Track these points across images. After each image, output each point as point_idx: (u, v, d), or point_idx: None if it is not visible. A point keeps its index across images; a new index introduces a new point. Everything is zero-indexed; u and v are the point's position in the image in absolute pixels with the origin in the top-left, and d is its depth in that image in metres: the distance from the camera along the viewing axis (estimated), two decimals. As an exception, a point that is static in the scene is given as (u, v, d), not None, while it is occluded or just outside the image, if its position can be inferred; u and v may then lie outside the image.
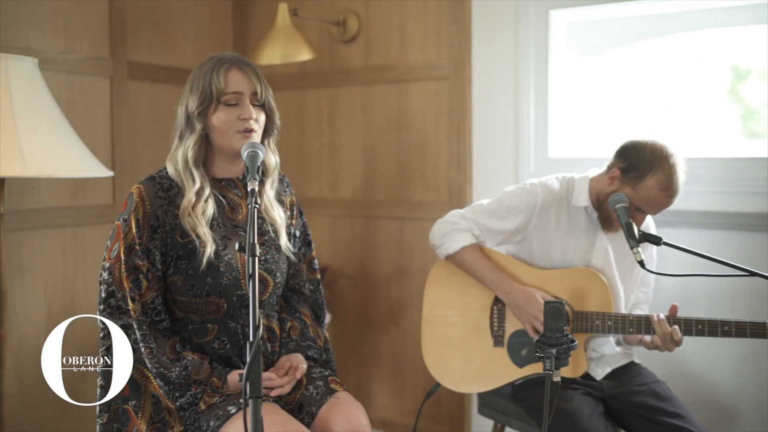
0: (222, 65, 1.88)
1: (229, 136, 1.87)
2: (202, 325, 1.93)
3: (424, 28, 3.11)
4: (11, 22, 2.61)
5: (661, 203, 2.11)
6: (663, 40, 2.87)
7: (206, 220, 1.88)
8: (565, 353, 1.78)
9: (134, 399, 1.86)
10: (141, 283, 1.84)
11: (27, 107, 2.19)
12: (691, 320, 2.07)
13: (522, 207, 2.24)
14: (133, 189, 1.88)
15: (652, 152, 2.08)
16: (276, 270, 1.99)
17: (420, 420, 3.17)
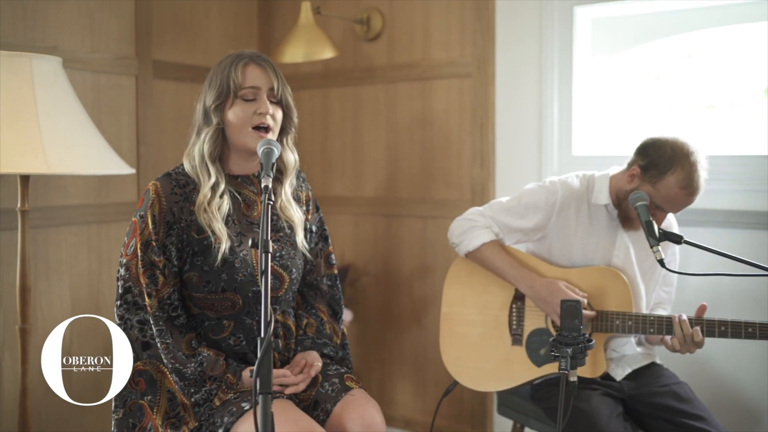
0: (240, 60, 1.89)
1: (244, 133, 1.88)
2: (218, 322, 1.93)
3: (448, 25, 3.09)
4: (39, 23, 2.65)
5: (681, 201, 2.07)
6: (689, 36, 2.81)
7: (221, 216, 1.89)
8: (582, 353, 1.75)
9: (150, 394, 1.87)
10: (157, 278, 1.85)
11: (50, 105, 2.22)
12: (714, 321, 2.02)
13: (541, 205, 2.22)
14: (150, 186, 1.89)
15: (673, 150, 2.05)
16: (291, 266, 1.99)
17: (442, 419, 3.17)
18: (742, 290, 2.54)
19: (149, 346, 1.88)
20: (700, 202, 2.52)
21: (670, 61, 2.86)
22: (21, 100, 2.17)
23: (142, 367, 1.87)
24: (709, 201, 2.59)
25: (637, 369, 2.21)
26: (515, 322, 2.26)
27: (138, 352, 1.88)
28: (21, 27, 2.60)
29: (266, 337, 1.43)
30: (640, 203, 2.00)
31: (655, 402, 2.11)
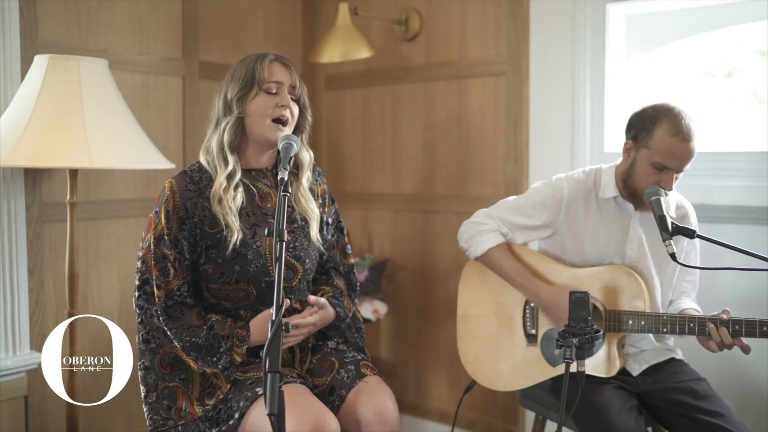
0: (266, 57, 2.01)
1: (264, 124, 1.98)
2: (235, 312, 2.03)
3: (483, 24, 3.14)
4: (92, 28, 2.82)
5: (679, 151, 2.05)
6: (724, 32, 2.79)
7: (236, 208, 1.98)
8: (589, 343, 1.80)
9: (182, 374, 1.97)
10: (168, 271, 1.95)
11: (96, 104, 2.37)
12: (728, 321, 2.01)
13: (548, 202, 2.25)
14: (166, 183, 2.01)
15: (653, 109, 2.10)
16: (305, 257, 2.07)
17: (475, 413, 3.23)
18: None
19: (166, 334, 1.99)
20: (726, 198, 2.53)
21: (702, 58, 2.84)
22: (69, 100, 2.33)
23: (168, 350, 1.98)
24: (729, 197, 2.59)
25: (655, 364, 2.22)
26: (529, 322, 2.30)
27: (161, 339, 1.98)
28: (75, 31, 2.77)
29: (277, 319, 1.53)
30: (653, 198, 2.02)
31: (671, 398, 2.12)
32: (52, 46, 2.66)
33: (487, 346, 2.34)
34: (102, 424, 2.89)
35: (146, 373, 1.99)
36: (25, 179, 2.61)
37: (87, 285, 2.82)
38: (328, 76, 3.64)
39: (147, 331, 1.99)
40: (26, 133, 2.26)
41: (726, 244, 1.92)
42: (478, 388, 3.17)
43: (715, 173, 2.65)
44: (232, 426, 1.88)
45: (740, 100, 2.78)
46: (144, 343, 1.99)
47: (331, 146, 3.68)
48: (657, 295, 2.24)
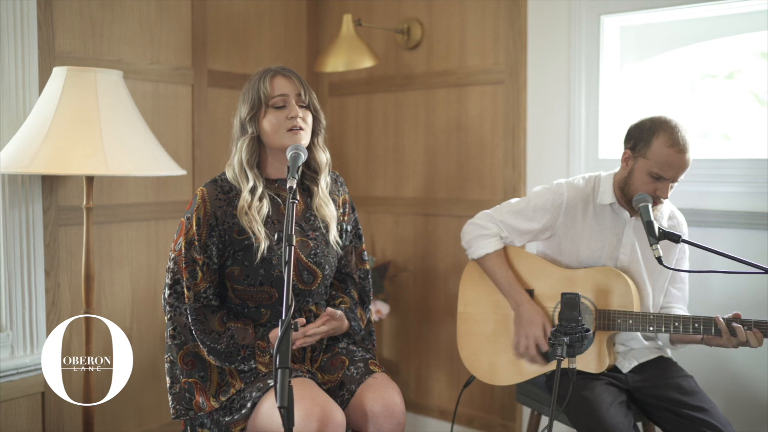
0: (267, 74, 2.12)
1: (280, 135, 2.10)
2: (257, 310, 2.16)
3: (482, 34, 3.25)
4: (105, 38, 2.93)
5: (675, 162, 2.17)
6: (715, 43, 2.90)
7: (261, 218, 2.10)
8: (579, 341, 1.91)
9: (201, 371, 2.11)
10: (197, 273, 2.09)
11: (111, 114, 2.49)
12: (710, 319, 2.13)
13: (549, 206, 2.36)
14: (198, 191, 2.13)
15: (651, 121, 2.21)
16: (325, 263, 2.19)
17: (474, 410, 3.34)
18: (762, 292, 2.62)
19: (191, 332, 2.12)
20: (718, 204, 2.63)
21: (693, 68, 2.95)
22: (86, 110, 2.44)
23: (191, 348, 2.12)
24: (722, 202, 2.70)
25: (644, 362, 2.33)
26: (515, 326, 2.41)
27: (187, 336, 2.12)
28: (90, 42, 2.88)
29: (287, 318, 1.64)
30: (642, 204, 2.13)
31: (658, 394, 2.23)
32: (68, 57, 2.78)
33: (485, 343, 2.45)
34: (115, 419, 3.00)
35: (171, 366, 2.13)
36: (42, 185, 2.72)
37: (100, 286, 2.94)
38: (332, 83, 3.75)
39: (174, 328, 2.13)
40: (46, 142, 2.38)
41: (709, 249, 2.03)
42: (476, 385, 3.29)
43: (709, 179, 2.75)
44: (244, 414, 2.02)
45: (741, 101, 2.88)
46: (171, 338, 2.13)
47: (335, 151, 3.79)
48: (648, 300, 2.35)
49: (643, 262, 2.33)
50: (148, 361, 3.09)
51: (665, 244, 2.26)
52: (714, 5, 2.75)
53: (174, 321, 2.13)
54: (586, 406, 2.14)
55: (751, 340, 2.08)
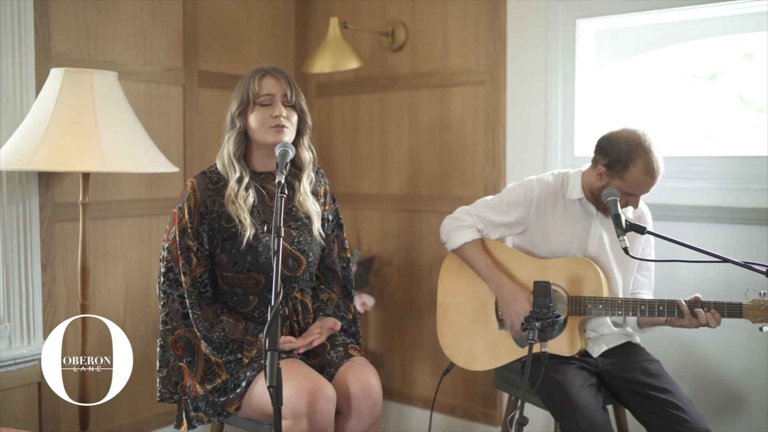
0: (258, 73, 2.25)
1: (263, 132, 2.23)
2: (245, 297, 2.28)
3: (464, 37, 3.38)
4: (99, 40, 3.04)
5: (648, 184, 2.34)
6: (687, 46, 3.03)
7: (248, 207, 2.23)
8: (550, 326, 2.03)
9: (189, 356, 2.23)
10: (192, 260, 2.21)
11: (107, 113, 2.60)
12: (674, 302, 2.27)
13: (521, 201, 2.50)
14: (188, 182, 2.26)
15: (627, 143, 2.31)
16: (309, 251, 2.32)
17: (456, 399, 3.47)
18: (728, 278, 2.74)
19: (187, 317, 2.24)
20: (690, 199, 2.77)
21: (666, 69, 3.09)
22: (83, 110, 2.55)
23: (182, 333, 2.24)
24: (693, 197, 2.83)
25: (613, 347, 2.46)
26: (501, 309, 2.53)
27: (179, 321, 2.24)
28: (85, 44, 2.99)
29: (275, 304, 1.76)
30: (610, 198, 2.27)
31: (626, 377, 2.37)
32: (63, 59, 2.88)
33: (463, 330, 2.58)
34: (109, 410, 3.10)
35: (162, 351, 2.25)
36: (38, 182, 2.83)
37: (94, 280, 3.04)
38: (320, 83, 3.87)
39: (166, 314, 2.25)
40: (44, 140, 2.49)
41: (671, 239, 2.17)
42: (458, 375, 3.42)
43: (679, 176, 2.87)
44: (239, 393, 2.15)
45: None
46: (163, 324, 2.25)
47: (322, 150, 3.91)
48: (618, 287, 2.49)
49: (611, 252, 2.46)
50: (140, 353, 3.18)
51: (631, 235, 2.41)
52: (686, 9, 2.87)
53: (167, 307, 2.24)
54: (557, 389, 2.28)
55: (710, 321, 2.23)
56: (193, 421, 2.24)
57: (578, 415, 2.21)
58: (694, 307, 2.25)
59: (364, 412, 2.20)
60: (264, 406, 2.10)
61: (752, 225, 2.72)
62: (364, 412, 2.20)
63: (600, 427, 2.20)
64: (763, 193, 2.69)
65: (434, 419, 3.49)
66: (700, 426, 2.24)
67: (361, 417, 2.20)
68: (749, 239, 2.73)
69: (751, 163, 2.75)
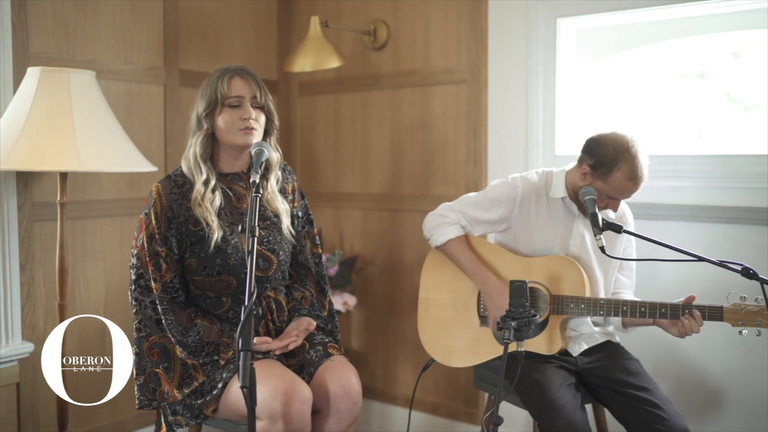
0: (226, 74, 2.23)
1: (232, 134, 2.21)
2: (218, 299, 2.26)
3: (446, 36, 3.38)
4: (79, 39, 3.02)
5: (630, 190, 2.34)
6: (668, 44, 3.04)
7: (214, 209, 2.21)
8: (526, 326, 2.03)
9: (165, 362, 2.21)
10: (161, 266, 2.19)
11: (84, 113, 2.58)
12: (656, 304, 2.27)
13: (504, 199, 2.49)
14: (153, 187, 2.24)
15: (614, 147, 2.31)
16: (279, 250, 2.31)
17: (439, 397, 3.47)
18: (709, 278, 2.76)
19: (161, 323, 2.22)
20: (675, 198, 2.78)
21: (647, 68, 3.10)
22: (60, 109, 2.53)
23: (157, 340, 2.22)
24: (675, 197, 2.84)
25: (593, 346, 2.47)
26: (482, 306, 2.54)
27: (152, 328, 2.22)
28: (63, 43, 2.97)
29: (249, 304, 1.76)
30: (588, 197, 2.27)
31: (605, 375, 2.37)
32: (42, 58, 2.86)
33: (444, 327, 2.58)
34: (89, 409, 3.07)
35: (138, 358, 2.23)
36: (17, 181, 2.81)
37: (74, 280, 3.03)
38: (302, 82, 3.86)
39: (140, 321, 2.23)
40: (21, 140, 2.47)
41: (648, 238, 2.18)
42: (441, 374, 3.42)
43: (661, 175, 2.88)
44: (215, 395, 2.13)
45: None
46: (137, 331, 2.23)
47: (305, 149, 3.90)
48: (599, 286, 2.49)
49: (593, 251, 2.46)
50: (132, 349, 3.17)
51: (613, 235, 2.42)
52: (667, 8, 2.88)
53: (139, 314, 2.22)
54: (536, 388, 2.28)
55: (693, 325, 2.24)
56: (173, 426, 2.23)
57: (556, 414, 2.21)
58: (686, 309, 2.24)
59: (344, 411, 2.20)
60: (240, 407, 2.09)
61: (734, 224, 2.74)
62: (344, 411, 2.19)
63: (578, 427, 2.20)
64: (746, 191, 2.70)
65: (417, 418, 3.50)
66: (678, 424, 2.24)
67: (341, 416, 2.20)
68: (731, 238, 2.74)
69: (734, 162, 2.76)
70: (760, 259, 2.65)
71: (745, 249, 2.69)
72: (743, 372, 2.75)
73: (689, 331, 2.25)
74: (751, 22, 2.84)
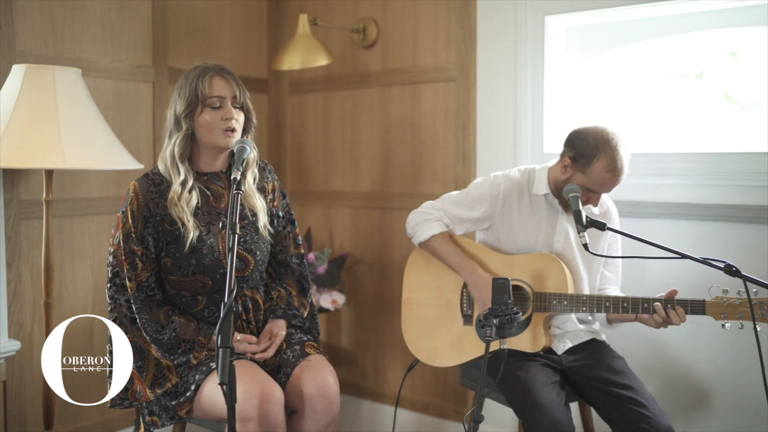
0: (206, 73, 2.21)
1: (214, 135, 2.20)
2: (193, 298, 2.26)
3: (435, 34, 3.37)
4: (66, 37, 3.01)
5: (610, 183, 2.33)
6: (657, 42, 3.04)
7: (191, 209, 2.20)
8: (509, 323, 2.03)
9: (139, 361, 2.21)
10: (137, 265, 2.18)
11: (69, 110, 2.57)
12: (638, 299, 2.27)
13: (486, 197, 2.49)
14: (130, 186, 2.23)
15: (595, 139, 2.31)
16: (256, 249, 2.30)
17: (429, 397, 3.47)
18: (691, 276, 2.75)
19: (135, 321, 2.21)
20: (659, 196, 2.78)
21: (637, 65, 3.09)
22: (45, 106, 2.53)
23: (131, 339, 2.21)
24: (662, 194, 2.84)
25: (578, 344, 2.46)
26: (466, 304, 2.53)
27: (127, 326, 2.22)
28: (51, 41, 2.96)
29: (228, 301, 1.75)
30: (572, 194, 2.26)
31: (590, 373, 2.37)
32: (29, 56, 2.86)
33: (427, 326, 2.57)
34: (77, 409, 3.06)
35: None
36: (3, 179, 2.80)
37: (62, 277, 3.02)
38: (293, 81, 3.86)
39: (114, 319, 2.22)
40: (5, 137, 2.46)
41: (632, 236, 2.17)
42: (430, 373, 3.42)
43: (648, 173, 2.88)
44: (189, 396, 2.12)
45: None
46: None
47: (296, 147, 3.90)
48: (583, 283, 2.49)
49: (577, 248, 2.46)
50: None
51: (597, 232, 2.42)
52: (653, 6, 2.88)
53: (115, 312, 2.22)
54: (520, 386, 2.27)
55: (673, 318, 2.23)
56: (150, 426, 2.22)
57: (539, 412, 2.20)
58: (668, 304, 2.24)
59: (321, 412, 2.17)
60: (213, 409, 2.08)
61: (721, 222, 2.73)
62: (321, 411, 2.17)
63: (561, 425, 2.20)
64: (732, 189, 2.70)
65: (406, 417, 3.50)
66: (662, 423, 2.23)
67: (318, 417, 2.18)
68: (719, 236, 2.73)
69: (720, 160, 2.75)
70: (747, 257, 2.65)
71: (735, 247, 2.69)
72: (731, 368, 2.74)
73: (667, 323, 2.25)
74: (748, 19, 2.83)
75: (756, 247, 2.65)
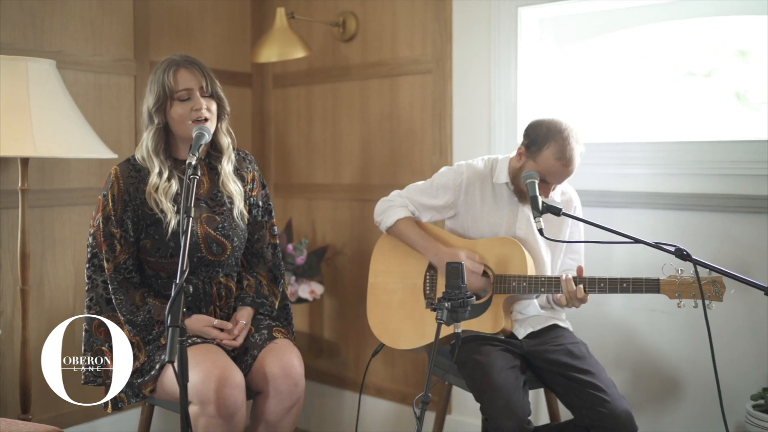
0: (171, 67, 2.25)
1: (186, 126, 2.25)
2: (170, 280, 2.31)
3: (412, 26, 3.40)
4: (46, 30, 3.07)
5: (559, 172, 2.36)
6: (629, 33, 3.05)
7: (170, 197, 2.25)
8: (462, 307, 2.05)
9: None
10: (115, 247, 2.24)
11: (42, 100, 2.63)
12: (594, 279, 2.30)
13: (450, 185, 2.53)
14: (112, 170, 2.29)
15: (548, 128, 2.35)
16: (233, 235, 2.34)
17: (408, 388, 3.49)
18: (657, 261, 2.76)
19: (111, 302, 2.27)
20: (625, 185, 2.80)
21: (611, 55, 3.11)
22: (17, 96, 2.58)
23: (106, 317, 2.26)
24: (628, 184, 2.85)
25: (539, 329, 2.48)
26: (428, 287, 2.56)
27: (102, 306, 2.28)
28: (30, 34, 3.02)
29: (180, 282, 1.79)
30: (528, 180, 2.29)
31: (550, 358, 2.39)
32: (7, 48, 2.91)
33: (392, 310, 2.61)
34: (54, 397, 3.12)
35: (87, 335, 2.29)
36: (-18, 169, 2.87)
37: (43, 267, 3.08)
38: (276, 75, 3.90)
39: (91, 299, 2.29)
40: (-23, 126, 2.52)
41: (586, 220, 2.20)
42: (409, 363, 3.44)
43: (615, 162, 2.90)
44: (153, 375, 2.18)
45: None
46: (87, 309, 2.29)
47: (279, 141, 3.94)
48: (546, 269, 2.52)
49: (538, 234, 2.47)
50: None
51: (558, 219, 2.44)
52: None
53: (91, 292, 2.28)
54: (478, 370, 2.30)
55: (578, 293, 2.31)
56: (118, 403, 2.27)
57: (496, 394, 2.23)
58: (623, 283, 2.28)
59: (285, 392, 2.22)
60: (174, 389, 2.13)
61: (686, 210, 2.74)
62: (285, 392, 2.22)
63: (517, 407, 2.22)
64: (697, 178, 2.71)
65: (386, 407, 3.53)
66: (619, 407, 2.25)
67: (282, 397, 2.22)
68: (683, 224, 2.74)
69: (685, 149, 2.77)
70: (714, 245, 2.66)
71: (692, 234, 2.70)
72: (700, 356, 2.74)
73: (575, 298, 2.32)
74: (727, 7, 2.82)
75: (719, 235, 2.66)
